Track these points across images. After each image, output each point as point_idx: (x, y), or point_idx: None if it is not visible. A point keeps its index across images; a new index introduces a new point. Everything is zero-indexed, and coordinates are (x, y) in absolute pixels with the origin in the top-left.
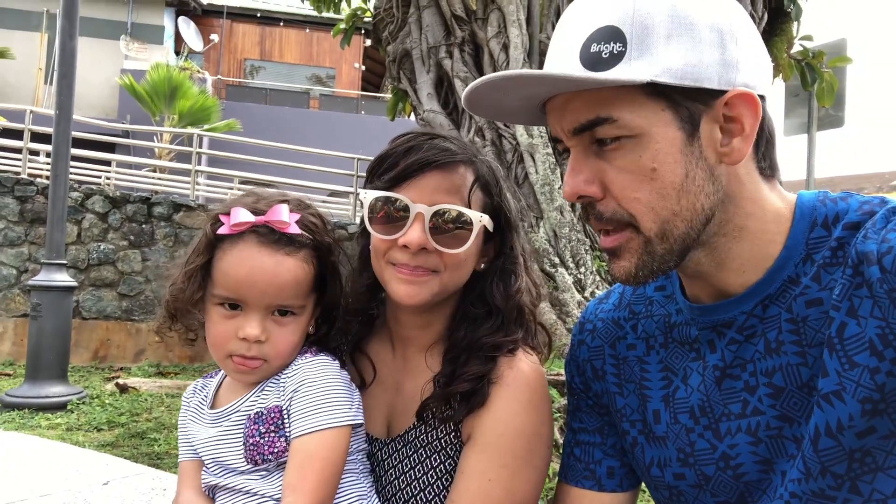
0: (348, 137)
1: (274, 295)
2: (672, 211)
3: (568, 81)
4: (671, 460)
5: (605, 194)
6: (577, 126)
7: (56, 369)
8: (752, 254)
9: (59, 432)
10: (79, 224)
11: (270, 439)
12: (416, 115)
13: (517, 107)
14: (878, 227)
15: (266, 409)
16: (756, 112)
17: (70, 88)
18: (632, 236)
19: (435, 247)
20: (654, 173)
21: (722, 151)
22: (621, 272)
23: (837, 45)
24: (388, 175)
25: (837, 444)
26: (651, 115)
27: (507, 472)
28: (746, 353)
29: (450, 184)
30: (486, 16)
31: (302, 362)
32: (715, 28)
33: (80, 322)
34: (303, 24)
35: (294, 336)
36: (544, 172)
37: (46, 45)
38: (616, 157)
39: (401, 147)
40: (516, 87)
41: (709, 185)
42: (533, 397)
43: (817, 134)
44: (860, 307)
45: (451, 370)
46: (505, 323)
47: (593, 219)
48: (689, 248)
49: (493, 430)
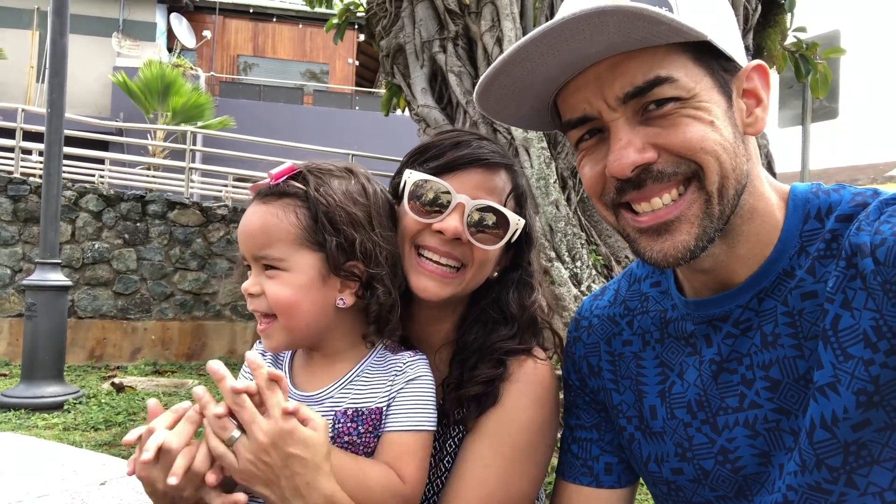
0: (342, 133)
1: (248, 245)
2: (731, 165)
3: (649, 21)
4: (669, 455)
5: (661, 154)
6: (633, 89)
7: (52, 369)
8: (758, 239)
9: (56, 432)
10: (73, 223)
11: (367, 440)
12: (411, 109)
13: (538, 90)
14: (871, 218)
15: (367, 409)
16: (769, 84)
17: (62, 87)
18: (694, 198)
19: (469, 239)
20: (713, 126)
21: (747, 122)
22: (675, 249)
23: (831, 36)
24: (433, 163)
25: (832, 437)
26: (699, 78)
27: (506, 461)
28: (743, 347)
29: (492, 184)
30: (479, 10)
31: (408, 361)
32: (727, 6)
33: (75, 321)
34: (296, 19)
35: (284, 289)
36: (539, 167)
37: (38, 43)
38: (670, 120)
39: (448, 140)
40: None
41: (744, 151)
42: (542, 394)
43: (812, 125)
44: (854, 299)
45: (459, 373)
46: (520, 331)
47: (651, 182)
48: (727, 220)
49: (496, 421)
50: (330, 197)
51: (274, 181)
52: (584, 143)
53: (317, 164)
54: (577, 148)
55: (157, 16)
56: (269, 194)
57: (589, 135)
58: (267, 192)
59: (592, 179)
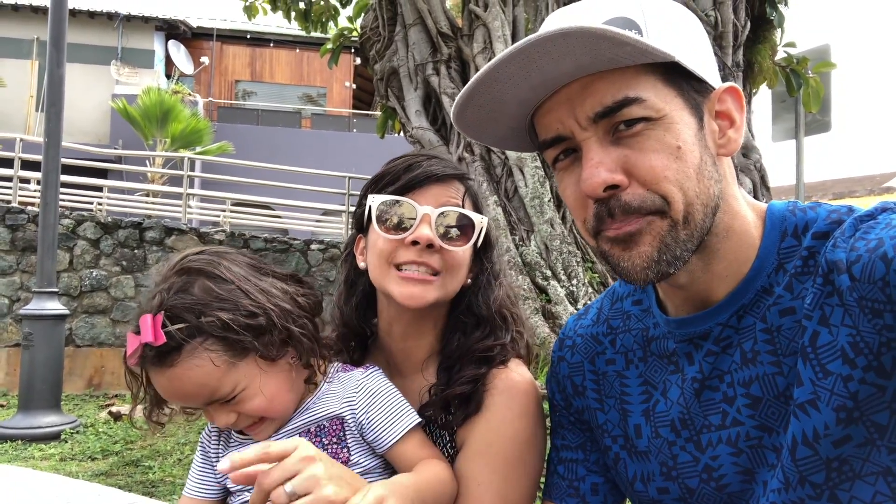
0: (340, 156)
1: (197, 402)
2: (695, 192)
3: (614, 42)
4: (654, 474)
5: (630, 181)
6: (602, 109)
7: (49, 399)
8: (735, 256)
9: (53, 463)
10: (70, 251)
11: (333, 451)
12: (405, 132)
13: (513, 112)
14: (846, 235)
15: (328, 421)
16: (742, 106)
17: (59, 116)
18: (656, 220)
19: (441, 244)
20: (679, 151)
21: (720, 143)
22: (640, 259)
23: (821, 50)
24: (391, 188)
25: (814, 454)
26: (669, 98)
27: (499, 477)
28: (724, 365)
29: (448, 194)
30: (471, 32)
31: (362, 376)
32: (700, 28)
33: (73, 350)
34: (293, 44)
35: (259, 401)
36: (534, 186)
37: (37, 73)
38: (639, 140)
39: (400, 165)
40: (538, 61)
41: (715, 173)
42: (526, 406)
43: (805, 139)
44: (831, 315)
45: (446, 378)
46: (493, 329)
47: (619, 211)
48: (700, 241)
49: (484, 437)
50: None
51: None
52: (560, 163)
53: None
54: (553, 167)
55: (156, 43)
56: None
57: (564, 155)
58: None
59: (575, 204)
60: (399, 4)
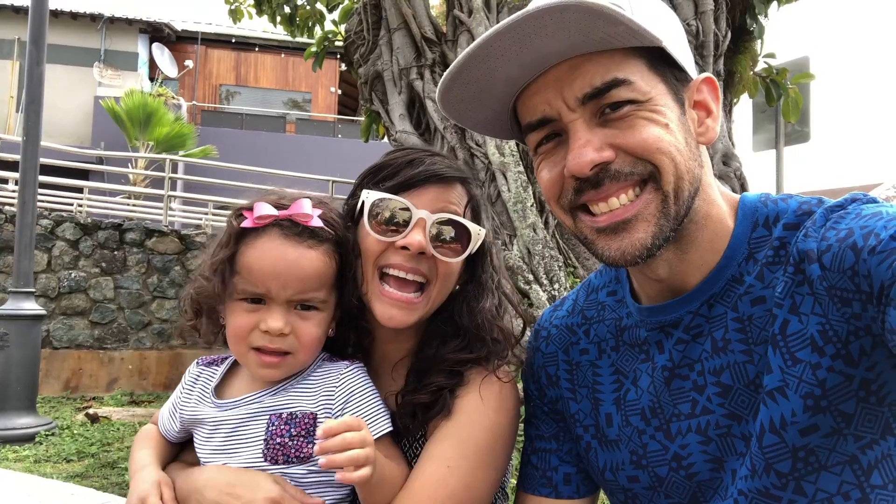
0: (324, 161)
1: (297, 288)
2: (686, 166)
3: (608, 20)
4: (624, 463)
5: (617, 154)
6: (591, 90)
7: (24, 400)
8: (711, 245)
9: (27, 464)
10: (49, 252)
11: (298, 444)
12: (389, 136)
13: (499, 92)
14: (817, 225)
15: (301, 413)
16: (718, 97)
17: (38, 115)
18: (651, 198)
19: (433, 253)
20: (668, 129)
21: (699, 131)
22: (634, 247)
23: (800, 62)
24: (388, 182)
25: (781, 441)
26: (654, 83)
27: (468, 463)
28: (694, 353)
29: (449, 198)
30: (455, 37)
31: (345, 371)
32: (679, 23)
33: (50, 352)
34: (278, 48)
35: (317, 329)
36: (516, 190)
37: (18, 73)
38: (626, 121)
39: (401, 158)
40: (532, 35)
41: (698, 157)
42: (503, 402)
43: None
44: (802, 304)
45: (415, 383)
46: (470, 342)
47: (608, 181)
48: (679, 222)
49: (459, 424)
50: (347, 240)
51: (306, 222)
52: (543, 148)
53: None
54: (535, 153)
55: (139, 45)
56: (308, 237)
57: (547, 139)
58: (302, 232)
59: (550, 182)
60: (383, 9)
